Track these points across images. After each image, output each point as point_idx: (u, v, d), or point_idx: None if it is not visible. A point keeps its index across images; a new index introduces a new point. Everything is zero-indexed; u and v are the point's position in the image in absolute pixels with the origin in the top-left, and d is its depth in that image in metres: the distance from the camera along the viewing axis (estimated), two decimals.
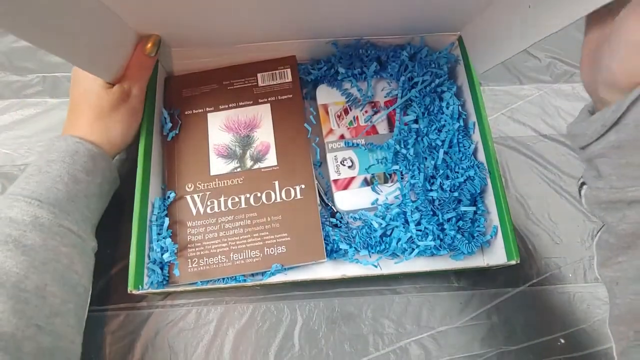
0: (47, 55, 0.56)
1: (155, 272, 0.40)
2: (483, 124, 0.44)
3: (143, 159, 0.42)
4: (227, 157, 0.47)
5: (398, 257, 0.43)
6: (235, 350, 0.43)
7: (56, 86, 0.55)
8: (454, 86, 0.49)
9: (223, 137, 0.47)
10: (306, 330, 0.44)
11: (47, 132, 0.52)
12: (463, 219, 0.43)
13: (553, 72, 0.58)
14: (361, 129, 0.48)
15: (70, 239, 0.36)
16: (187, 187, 0.45)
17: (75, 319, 0.36)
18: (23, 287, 0.32)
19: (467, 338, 0.44)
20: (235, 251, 0.42)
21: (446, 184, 0.44)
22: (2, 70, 0.55)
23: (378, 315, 0.44)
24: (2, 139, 0.52)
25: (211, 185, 0.45)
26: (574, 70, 0.58)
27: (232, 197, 0.45)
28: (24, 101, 0.54)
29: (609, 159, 0.28)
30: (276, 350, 0.43)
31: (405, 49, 0.49)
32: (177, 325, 0.44)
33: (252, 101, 0.49)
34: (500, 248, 0.41)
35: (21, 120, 0.53)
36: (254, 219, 0.44)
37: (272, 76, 0.50)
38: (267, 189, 0.45)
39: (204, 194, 0.45)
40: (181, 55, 0.49)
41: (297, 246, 0.42)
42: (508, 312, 0.45)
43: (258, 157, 0.47)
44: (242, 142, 0.47)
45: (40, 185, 0.36)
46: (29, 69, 0.55)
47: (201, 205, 0.44)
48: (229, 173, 0.46)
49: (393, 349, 0.43)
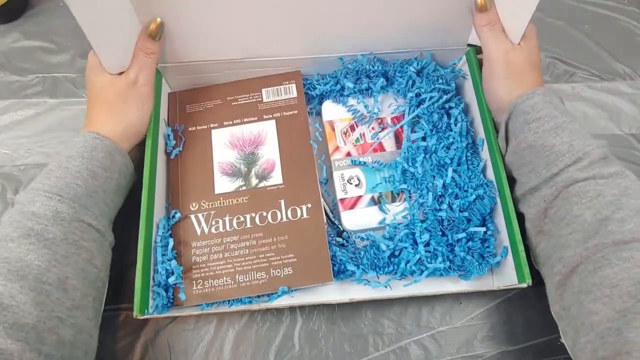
0: (47, 55, 0.56)
1: (160, 295, 0.39)
2: (492, 141, 0.43)
3: (148, 179, 0.41)
4: (231, 175, 0.46)
5: (406, 278, 0.43)
6: (235, 350, 0.43)
7: (56, 86, 0.54)
8: (462, 102, 0.48)
9: (227, 154, 0.46)
10: (306, 331, 0.44)
11: (46, 132, 0.52)
12: (473, 240, 0.43)
13: (553, 72, 0.58)
14: (368, 146, 0.47)
15: (90, 233, 0.36)
16: (192, 206, 0.44)
17: (94, 312, 0.36)
18: (45, 279, 0.32)
19: (467, 338, 0.44)
20: (240, 272, 0.41)
21: (455, 204, 0.43)
22: (2, 70, 0.55)
23: (378, 315, 0.44)
24: (2, 139, 0.52)
25: (216, 204, 0.44)
26: (573, 70, 0.58)
27: (237, 216, 0.44)
28: (23, 101, 0.54)
29: (514, 164, 0.41)
30: (276, 350, 0.43)
31: (412, 64, 0.48)
32: (177, 326, 0.44)
33: (256, 117, 0.48)
34: (510, 269, 0.40)
35: (21, 121, 0.53)
36: (259, 239, 0.43)
37: (277, 91, 0.49)
38: (272, 208, 0.44)
39: (209, 213, 0.44)
40: (185, 70, 0.48)
41: (303, 267, 0.41)
42: (508, 312, 0.45)
43: (263, 175, 0.46)
44: (247, 160, 0.46)
45: (61, 180, 0.36)
46: (29, 70, 0.55)
47: (206, 225, 0.43)
48: (233, 192, 0.45)
49: (393, 349, 0.43)
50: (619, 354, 0.29)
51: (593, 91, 0.57)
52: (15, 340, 0.29)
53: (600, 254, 0.32)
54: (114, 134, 0.40)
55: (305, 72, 0.50)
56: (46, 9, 0.59)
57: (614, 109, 0.56)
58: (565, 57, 0.58)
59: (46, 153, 0.51)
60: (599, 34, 0.60)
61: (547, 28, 0.60)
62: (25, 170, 0.50)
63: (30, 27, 0.58)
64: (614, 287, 0.31)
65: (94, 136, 0.39)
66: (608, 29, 0.60)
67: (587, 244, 0.33)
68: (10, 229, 0.33)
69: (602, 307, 0.31)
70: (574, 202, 0.35)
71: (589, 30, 0.60)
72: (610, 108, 0.56)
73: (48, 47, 0.57)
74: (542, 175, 0.37)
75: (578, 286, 0.33)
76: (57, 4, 0.60)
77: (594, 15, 0.61)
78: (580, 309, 0.33)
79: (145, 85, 0.42)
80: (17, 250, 0.32)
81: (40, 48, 0.57)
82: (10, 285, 0.31)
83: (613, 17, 0.61)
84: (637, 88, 0.57)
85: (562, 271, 0.35)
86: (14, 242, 0.33)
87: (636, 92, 0.57)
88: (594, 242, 0.33)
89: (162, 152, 0.46)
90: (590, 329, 0.32)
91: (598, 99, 0.56)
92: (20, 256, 0.32)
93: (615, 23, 0.61)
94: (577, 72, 0.58)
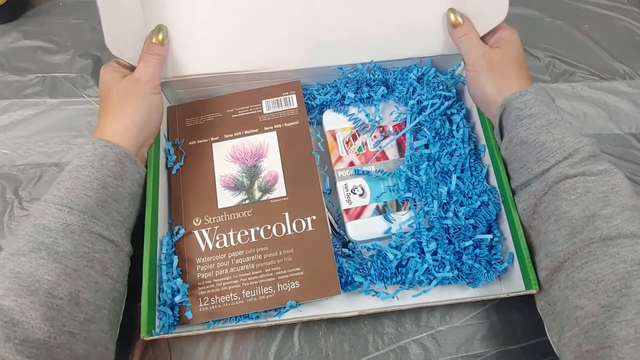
0: (46, 55, 0.56)
1: (166, 315, 0.39)
2: (493, 147, 0.43)
3: (152, 196, 0.41)
4: (234, 189, 0.45)
5: (414, 288, 0.42)
6: (235, 349, 0.43)
7: (55, 86, 0.55)
8: (464, 108, 0.48)
9: (229, 167, 0.46)
10: (306, 330, 0.44)
11: (46, 132, 0.52)
12: (479, 247, 0.43)
13: (552, 71, 0.58)
14: (370, 154, 0.47)
15: (102, 244, 0.36)
16: (195, 221, 0.43)
17: (109, 324, 0.36)
18: (56, 294, 0.32)
19: (467, 338, 0.44)
20: (247, 288, 0.41)
21: (461, 211, 0.43)
22: (2, 70, 0.55)
23: (378, 315, 0.44)
24: (2, 139, 0.52)
25: (219, 218, 0.43)
26: (573, 69, 0.58)
27: (242, 230, 0.43)
28: (23, 101, 0.54)
29: (507, 159, 0.42)
30: (276, 350, 0.43)
31: (412, 71, 0.48)
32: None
33: (257, 129, 0.47)
34: (517, 275, 0.40)
35: (20, 121, 0.53)
36: (265, 253, 0.42)
37: (277, 102, 0.48)
38: (277, 221, 0.43)
39: (212, 228, 0.43)
40: (183, 84, 0.47)
41: (311, 281, 0.41)
42: (508, 312, 0.45)
43: (266, 188, 0.45)
44: (249, 173, 0.46)
45: (71, 192, 0.36)
46: (28, 69, 0.55)
47: (210, 240, 0.43)
48: (237, 205, 0.44)
49: (393, 348, 0.43)
50: (602, 347, 0.30)
51: (593, 90, 0.57)
52: (25, 356, 0.29)
53: (587, 250, 0.33)
54: (123, 139, 0.39)
55: (305, 82, 0.50)
56: (46, 9, 0.59)
57: (613, 109, 0.56)
58: (564, 56, 0.58)
59: (46, 153, 0.51)
60: (599, 34, 0.60)
61: (547, 28, 0.60)
62: (25, 170, 0.50)
63: (30, 27, 0.58)
64: (600, 282, 0.31)
65: (103, 144, 0.38)
66: (608, 29, 0.60)
67: (575, 239, 0.34)
68: (22, 242, 0.33)
69: (587, 302, 0.31)
70: (563, 197, 0.36)
71: (589, 30, 0.60)
72: (610, 107, 0.56)
73: (48, 47, 0.57)
74: (533, 170, 0.38)
75: (564, 281, 0.34)
76: (57, 4, 0.60)
77: (594, 15, 0.61)
78: (566, 304, 0.33)
79: (149, 82, 0.42)
80: (28, 265, 0.32)
81: (40, 48, 0.57)
82: (21, 300, 0.31)
83: (613, 17, 0.61)
84: (637, 87, 0.57)
85: (549, 266, 0.36)
86: (25, 256, 0.33)
87: (636, 91, 0.57)
88: (581, 237, 0.33)
89: (164, 167, 0.46)
90: (576, 324, 0.32)
91: (598, 99, 0.56)
92: (31, 271, 0.32)
93: (615, 23, 0.61)
94: (576, 71, 0.58)
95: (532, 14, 0.61)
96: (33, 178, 0.50)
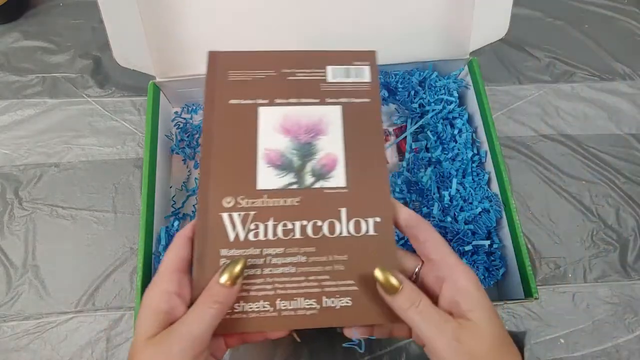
0: (46, 55, 0.56)
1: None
2: (496, 152, 0.43)
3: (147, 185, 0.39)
4: (280, 168, 0.35)
5: None
6: (235, 349, 0.43)
7: (55, 86, 0.55)
8: (466, 113, 0.48)
9: (277, 140, 0.36)
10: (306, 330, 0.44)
11: (46, 132, 0.52)
12: (478, 253, 0.43)
13: (553, 72, 0.58)
14: None
15: None
16: (226, 201, 0.33)
17: None
18: None
19: None
20: (282, 297, 0.31)
21: (461, 216, 0.43)
22: (2, 70, 0.55)
23: None
24: (2, 139, 0.52)
25: (257, 203, 0.33)
26: (573, 70, 0.58)
27: (284, 222, 0.33)
28: (23, 101, 0.54)
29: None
30: (276, 349, 0.43)
31: (413, 75, 0.48)
32: None
33: (318, 99, 0.37)
34: (516, 283, 0.41)
35: (20, 121, 0.53)
36: (311, 255, 0.33)
37: (347, 72, 0.39)
38: (330, 218, 0.34)
39: (247, 213, 0.33)
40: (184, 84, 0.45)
41: (367, 299, 0.31)
42: (507, 312, 0.45)
43: (321, 174, 0.35)
44: (302, 151, 0.36)
45: None
46: (29, 70, 0.55)
47: (242, 228, 0.33)
48: (282, 189, 0.34)
49: (393, 348, 0.43)
50: None
51: (593, 91, 0.57)
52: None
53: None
54: None
55: None
56: (46, 9, 0.59)
57: (613, 109, 0.56)
58: (565, 56, 0.58)
59: (46, 153, 0.51)
60: (599, 34, 0.60)
61: (547, 28, 0.60)
62: (25, 170, 0.50)
63: (30, 27, 0.58)
64: None
65: None
66: (608, 29, 0.60)
67: None
68: None
69: None
70: None
71: (589, 30, 0.60)
72: (610, 108, 0.56)
73: (48, 47, 0.57)
74: None
75: None
76: (57, 4, 0.60)
77: (594, 15, 0.61)
78: None
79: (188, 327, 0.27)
80: None
81: (40, 48, 0.57)
82: None
83: (613, 17, 0.61)
84: (637, 88, 0.57)
85: None
86: None
87: (636, 92, 0.57)
88: None
89: (164, 150, 0.44)
90: None
91: (598, 99, 0.56)
92: None
93: (615, 23, 0.61)
94: (576, 71, 0.58)
95: (532, 14, 0.61)
96: (33, 178, 0.50)
